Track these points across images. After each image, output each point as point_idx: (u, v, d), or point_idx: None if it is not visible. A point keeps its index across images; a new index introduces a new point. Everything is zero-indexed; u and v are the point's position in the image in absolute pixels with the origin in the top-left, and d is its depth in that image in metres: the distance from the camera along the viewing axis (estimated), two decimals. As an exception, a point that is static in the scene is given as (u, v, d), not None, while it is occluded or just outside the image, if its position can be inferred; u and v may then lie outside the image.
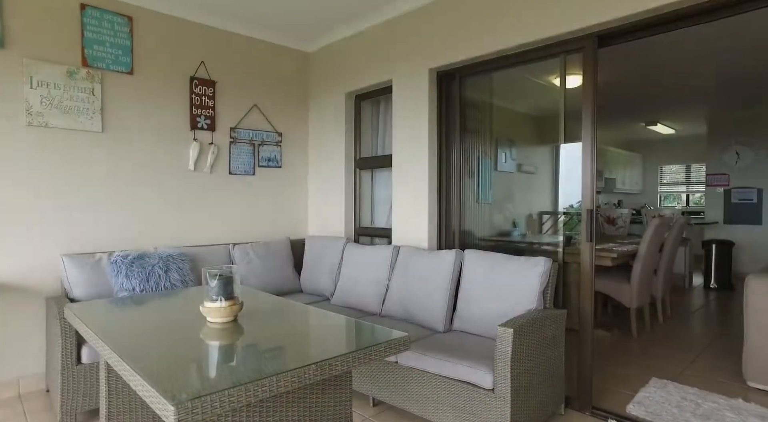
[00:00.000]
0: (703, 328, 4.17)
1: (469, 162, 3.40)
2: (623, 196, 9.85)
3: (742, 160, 6.92)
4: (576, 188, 2.50)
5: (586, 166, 2.45)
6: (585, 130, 2.48)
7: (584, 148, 2.47)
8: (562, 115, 2.79)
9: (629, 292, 3.84)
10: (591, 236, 2.42)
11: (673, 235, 4.34)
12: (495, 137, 5.39)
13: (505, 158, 6.44)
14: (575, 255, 3.83)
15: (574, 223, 4.00)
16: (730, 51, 4.22)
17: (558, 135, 2.82)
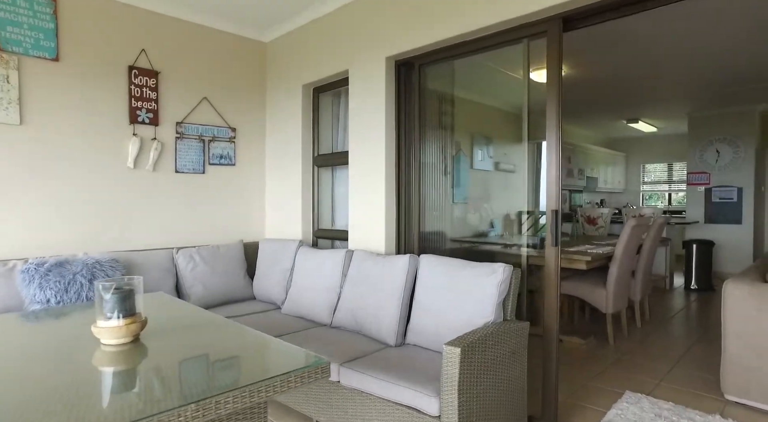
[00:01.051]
0: (682, 333, 3.99)
1: (434, 158, 3.17)
2: (606, 195, 9.72)
3: (722, 158, 6.79)
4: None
5: (551, 162, 2.22)
6: (550, 123, 2.26)
7: (549, 143, 2.25)
8: (526, 108, 2.55)
9: (605, 297, 3.64)
10: (556, 240, 2.19)
11: (652, 236, 4.16)
12: (470, 133, 5.16)
13: (482, 156, 6.23)
14: (539, 257, 3.63)
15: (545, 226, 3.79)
16: (708, 47, 4.04)
17: (522, 132, 2.58)
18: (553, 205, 2.19)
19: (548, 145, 2.24)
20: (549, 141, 2.24)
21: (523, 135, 2.55)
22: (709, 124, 6.90)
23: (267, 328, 2.64)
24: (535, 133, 2.60)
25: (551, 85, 2.26)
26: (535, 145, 7.60)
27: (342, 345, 2.34)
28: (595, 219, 6.19)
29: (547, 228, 2.22)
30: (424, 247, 2.94)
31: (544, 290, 2.31)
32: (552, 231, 2.18)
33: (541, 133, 2.39)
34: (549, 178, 2.22)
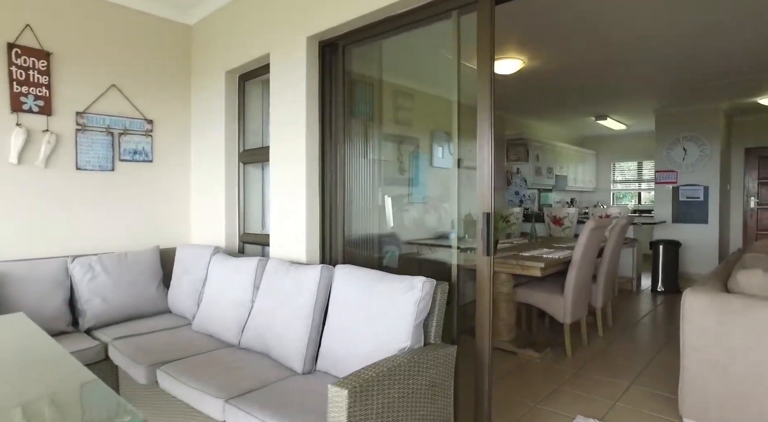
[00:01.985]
0: (645, 341, 3.73)
1: (371, 153, 2.83)
2: (576, 194, 9.55)
3: (689, 156, 6.63)
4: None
5: (483, 158, 1.90)
6: (481, 114, 1.93)
7: (480, 136, 1.92)
8: (457, 96, 2.23)
9: (562, 306, 3.35)
10: (488, 249, 1.86)
11: (614, 238, 3.89)
12: (428, 128, 4.82)
13: (443, 153, 5.90)
14: (497, 263, 3.30)
15: (504, 227, 3.47)
16: (673, 37, 3.79)
17: (452, 123, 2.26)
18: (485, 206, 1.86)
19: (480, 138, 1.91)
20: (481, 133, 1.91)
21: (453, 127, 2.22)
22: (676, 121, 6.74)
23: (168, 349, 2.26)
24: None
25: (482, 68, 1.94)
26: (504, 142, 7.27)
27: (242, 372, 1.97)
28: (561, 220, 5.94)
29: (477, 235, 1.89)
30: (354, 255, 2.59)
31: (476, 307, 1.98)
32: (483, 238, 1.85)
33: (469, 130, 2.06)
34: (481, 176, 1.89)
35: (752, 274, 2.27)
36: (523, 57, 4.36)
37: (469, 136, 2.14)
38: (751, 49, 4.29)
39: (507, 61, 4.39)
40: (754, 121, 7.36)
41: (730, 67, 4.79)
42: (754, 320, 2.14)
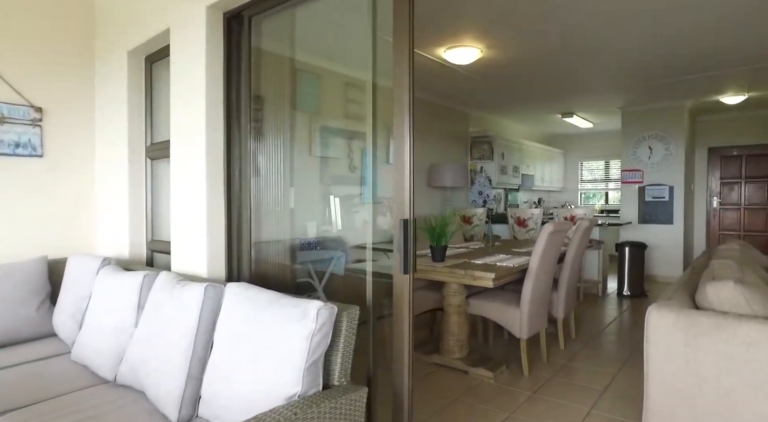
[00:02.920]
0: (609, 354, 3.45)
1: (314, 149, 2.43)
2: (544, 194, 9.35)
3: (654, 155, 6.46)
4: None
5: (401, 154, 1.52)
6: (398, 102, 1.55)
7: (397, 129, 1.54)
8: (372, 79, 1.85)
9: (518, 319, 3.01)
10: (407, 265, 1.48)
11: (576, 242, 3.59)
12: (378, 121, 4.40)
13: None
14: (445, 273, 2.89)
15: (440, 231, 3.12)
16: (635, 34, 3.52)
17: (366, 111, 1.88)
18: (403, 212, 1.48)
19: (397, 128, 1.53)
20: (398, 123, 1.53)
21: (368, 117, 1.84)
22: (642, 119, 6.56)
23: (21, 390, 1.80)
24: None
25: (399, 45, 1.55)
26: (468, 139, 6.92)
27: (102, 420, 1.54)
28: (526, 221, 5.66)
29: (395, 249, 1.50)
30: (264, 271, 2.18)
31: (393, 338, 1.61)
32: (400, 251, 1.47)
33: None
34: (398, 174, 1.51)
35: (722, 287, 1.97)
36: (480, 45, 4.03)
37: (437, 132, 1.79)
38: (711, 46, 4.08)
39: (463, 49, 4.05)
40: (716, 120, 7.27)
41: (692, 63, 4.58)
42: (725, 342, 1.84)
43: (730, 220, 7.39)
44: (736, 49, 4.15)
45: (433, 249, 3.05)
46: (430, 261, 3.09)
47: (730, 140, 7.25)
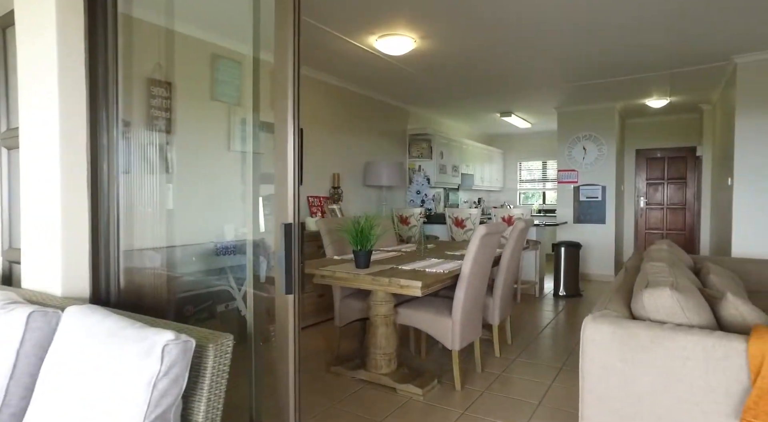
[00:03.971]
0: (545, 360, 3.30)
1: (232, 142, 2.05)
2: (484, 194, 9.35)
3: (588, 156, 6.55)
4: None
5: (285, 147, 1.20)
6: (280, 81, 1.23)
7: (279, 109, 1.22)
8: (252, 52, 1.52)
9: (450, 330, 2.78)
10: (290, 282, 1.15)
11: (512, 244, 3.42)
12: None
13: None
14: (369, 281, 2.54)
15: (364, 234, 2.83)
16: (572, 34, 3.40)
17: (245, 95, 1.55)
18: (286, 215, 1.15)
19: (277, 114, 1.21)
20: (279, 108, 1.21)
21: (245, 98, 1.51)
22: (576, 120, 6.63)
23: None
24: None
25: (282, 14, 1.23)
26: (405, 135, 6.65)
27: None
28: (463, 222, 5.50)
29: (275, 261, 1.17)
30: (148, 285, 1.78)
31: (276, 373, 1.28)
32: (282, 264, 1.14)
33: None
34: (279, 169, 1.19)
35: (659, 296, 1.81)
36: (414, 35, 3.78)
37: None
38: (637, 49, 4.10)
39: (396, 38, 3.79)
40: (642, 123, 7.52)
41: (620, 66, 4.61)
42: (663, 357, 1.67)
43: (655, 219, 7.67)
44: (659, 52, 4.20)
45: (356, 254, 2.74)
46: (352, 267, 2.78)
47: (654, 143, 7.53)
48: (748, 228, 4.34)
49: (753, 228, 4.31)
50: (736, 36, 3.83)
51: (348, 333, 3.88)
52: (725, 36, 3.82)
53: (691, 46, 4.05)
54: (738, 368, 1.56)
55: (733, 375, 1.57)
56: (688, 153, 7.26)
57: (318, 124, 5.01)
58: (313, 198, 4.90)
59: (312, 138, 4.91)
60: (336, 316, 3.37)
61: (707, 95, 5.89)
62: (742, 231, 4.37)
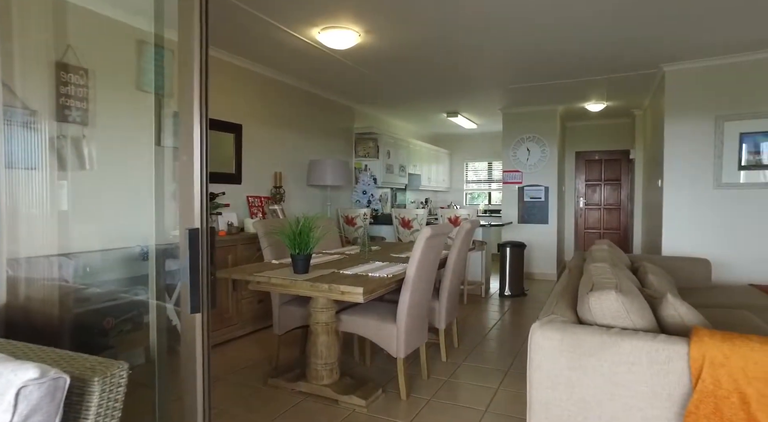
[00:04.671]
0: (491, 363, 3.25)
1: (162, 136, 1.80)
2: (431, 194, 9.37)
3: (532, 157, 6.68)
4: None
5: (189, 136, 1.01)
6: (185, 63, 1.04)
7: (183, 99, 1.03)
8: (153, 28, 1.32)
9: (395, 337, 2.65)
10: (197, 299, 0.97)
11: (459, 245, 3.35)
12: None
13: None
14: (300, 287, 2.28)
15: (302, 237, 2.64)
16: (515, 35, 3.39)
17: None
18: (192, 219, 0.97)
19: (182, 104, 1.02)
20: (184, 96, 1.02)
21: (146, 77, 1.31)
22: (520, 121, 6.75)
23: None
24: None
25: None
26: (349, 132, 6.47)
27: None
28: (410, 222, 5.42)
29: (181, 273, 0.98)
30: (45, 299, 1.51)
31: (183, 398, 1.08)
32: (187, 276, 0.96)
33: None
34: (184, 166, 1.00)
35: (605, 299, 1.77)
36: (358, 28, 3.63)
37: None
38: (574, 54, 4.19)
39: (339, 31, 3.62)
40: (582, 126, 7.81)
41: (560, 69, 4.70)
42: (610, 363, 1.62)
43: (593, 219, 7.98)
44: (594, 59, 4.32)
45: (294, 259, 2.55)
46: (290, 273, 2.59)
47: (592, 145, 7.83)
48: (676, 228, 4.54)
49: (681, 228, 4.52)
50: (664, 46, 4.00)
51: (288, 341, 3.67)
52: (654, 46, 3.98)
53: (623, 54, 4.19)
54: (680, 372, 1.54)
55: (676, 379, 1.54)
56: (622, 156, 7.60)
57: (259, 120, 4.75)
58: (253, 198, 4.63)
59: (252, 134, 4.65)
60: (275, 324, 3.16)
61: (639, 101, 6.17)
62: (670, 231, 4.57)
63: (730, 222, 4.33)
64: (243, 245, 3.89)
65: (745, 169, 4.28)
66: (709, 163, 4.38)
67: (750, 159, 4.27)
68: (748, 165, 4.27)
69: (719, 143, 4.34)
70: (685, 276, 3.83)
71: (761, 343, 1.52)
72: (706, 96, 4.37)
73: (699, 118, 4.40)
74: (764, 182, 4.20)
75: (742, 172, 4.29)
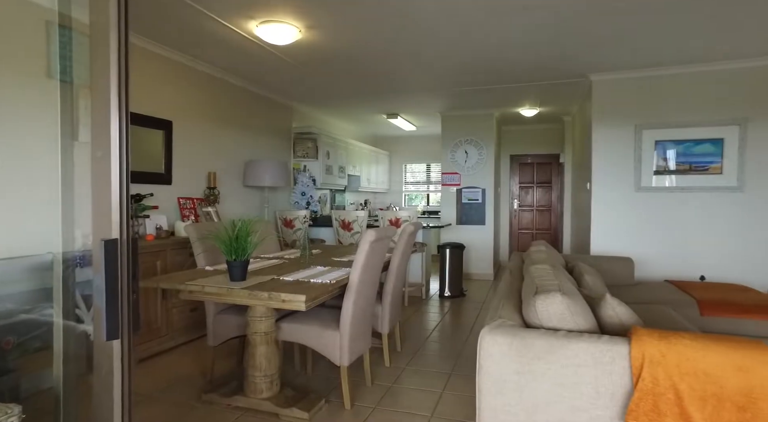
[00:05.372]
0: (434, 366, 3.24)
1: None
2: (370, 195, 9.34)
3: (470, 159, 6.84)
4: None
5: (104, 130, 0.86)
6: (99, 47, 0.89)
7: (98, 89, 0.88)
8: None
9: (338, 344, 2.55)
10: (113, 323, 0.82)
11: (402, 247, 3.31)
12: None
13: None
14: (237, 295, 2.12)
15: (239, 242, 2.48)
16: (456, 40, 3.42)
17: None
18: (109, 228, 0.82)
19: (96, 93, 0.87)
20: (98, 85, 0.87)
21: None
22: (459, 124, 6.89)
23: None
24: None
25: None
26: (286, 133, 6.25)
27: None
28: (350, 225, 5.33)
29: (94, 293, 0.83)
30: None
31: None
32: (102, 296, 0.81)
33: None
34: (99, 165, 0.85)
35: (551, 301, 1.79)
36: (299, 24, 3.48)
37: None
38: (509, 62, 4.33)
39: (278, 26, 3.46)
40: (516, 130, 8.12)
41: (496, 75, 4.84)
42: (557, 366, 1.63)
43: (526, 220, 8.32)
44: (527, 67, 4.49)
45: (230, 265, 2.38)
46: (226, 280, 2.41)
47: (526, 149, 8.16)
48: (603, 228, 4.82)
49: (607, 228, 4.80)
50: (590, 59, 4.24)
51: (224, 352, 3.45)
52: (582, 58, 4.21)
53: (553, 63, 4.39)
54: (622, 371, 1.58)
55: (618, 379, 1.58)
56: (553, 159, 7.99)
57: (192, 117, 4.45)
58: (185, 199, 4.32)
59: (184, 132, 4.34)
60: (209, 335, 2.95)
61: (568, 107, 6.51)
62: (598, 231, 4.84)
63: (647, 223, 4.66)
64: (173, 250, 3.61)
65: (657, 173, 4.63)
66: (631, 168, 4.68)
67: (660, 164, 4.62)
68: (659, 170, 4.63)
69: (638, 149, 4.66)
70: (612, 274, 4.06)
71: (692, 340, 1.59)
72: (628, 105, 4.67)
73: (622, 125, 4.70)
74: (669, 186, 4.58)
75: (654, 176, 4.64)
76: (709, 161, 4.49)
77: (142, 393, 2.77)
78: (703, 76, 4.43)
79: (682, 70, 4.47)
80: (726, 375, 1.49)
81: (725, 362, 1.50)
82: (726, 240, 4.44)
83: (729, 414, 1.48)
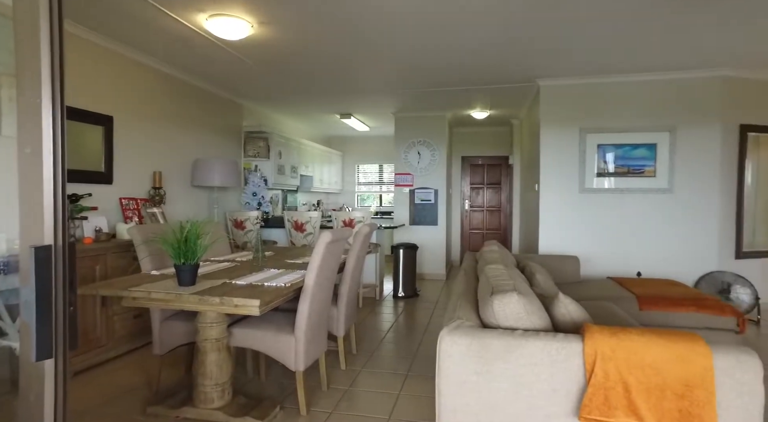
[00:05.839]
0: (390, 367, 3.23)
1: None
2: (323, 196, 9.22)
3: (423, 160, 6.91)
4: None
5: (35, 124, 0.77)
6: (27, 32, 0.80)
7: (27, 76, 0.79)
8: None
9: (293, 349, 2.48)
10: (44, 341, 0.74)
11: (357, 249, 3.28)
12: None
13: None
14: (186, 301, 2.01)
15: (188, 245, 2.36)
16: (411, 41, 3.43)
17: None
18: (42, 234, 0.73)
19: (24, 81, 0.78)
20: (24, 76, 0.78)
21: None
22: (412, 125, 6.94)
23: None
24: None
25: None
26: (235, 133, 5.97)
27: None
28: (303, 226, 5.23)
29: (21, 306, 0.74)
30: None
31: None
32: (31, 311, 0.72)
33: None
34: (26, 168, 0.76)
35: (507, 301, 1.82)
36: (251, 19, 3.37)
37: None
38: (460, 66, 4.43)
39: (229, 20, 3.32)
40: (468, 132, 8.29)
41: (448, 78, 4.92)
42: (515, 365, 1.66)
43: (477, 221, 8.52)
44: (478, 71, 4.60)
45: (178, 270, 2.25)
46: (174, 285, 2.28)
47: (476, 151, 8.36)
48: (550, 228, 5.01)
49: (554, 228, 4.99)
50: (538, 65, 4.40)
51: (171, 361, 3.27)
52: (530, 64, 4.37)
53: (503, 68, 4.53)
54: (577, 368, 1.63)
55: (573, 375, 1.63)
56: (503, 161, 8.23)
57: (135, 113, 4.19)
58: (128, 200, 4.07)
59: (127, 128, 4.08)
60: (155, 343, 2.78)
61: (517, 111, 6.73)
62: (546, 231, 5.02)
63: (591, 223, 4.89)
64: (115, 254, 3.38)
65: (599, 175, 4.88)
66: (576, 170, 4.90)
67: (602, 167, 4.87)
68: (600, 172, 4.88)
69: (582, 152, 4.88)
70: (560, 272, 4.22)
71: (639, 335, 1.66)
72: (573, 109, 4.89)
73: (568, 129, 4.91)
74: (609, 188, 4.84)
75: (596, 178, 4.89)
76: (645, 164, 4.78)
77: (77, 410, 2.57)
78: (641, 85, 4.72)
79: (623, 79, 4.73)
80: (668, 366, 1.57)
81: (667, 354, 1.58)
82: (658, 238, 4.74)
83: (669, 403, 1.56)
